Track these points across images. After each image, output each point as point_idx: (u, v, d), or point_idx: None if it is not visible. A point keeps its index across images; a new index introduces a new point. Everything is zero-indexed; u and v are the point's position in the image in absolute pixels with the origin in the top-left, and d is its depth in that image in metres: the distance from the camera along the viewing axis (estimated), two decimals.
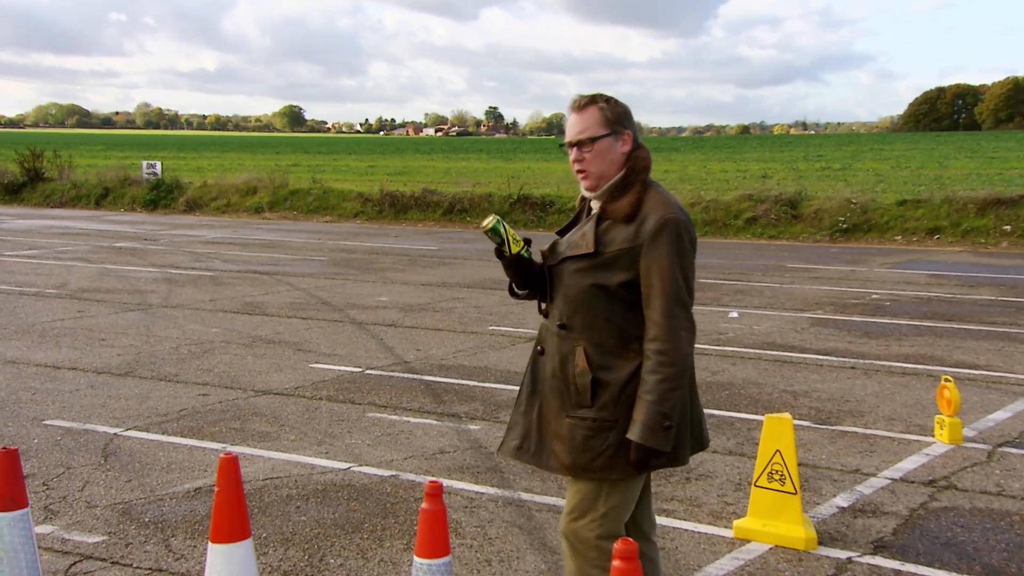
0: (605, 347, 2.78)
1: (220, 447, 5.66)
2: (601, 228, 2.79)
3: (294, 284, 12.21)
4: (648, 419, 2.69)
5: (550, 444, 2.88)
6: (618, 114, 2.82)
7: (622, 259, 2.74)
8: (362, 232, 19.81)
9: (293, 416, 6.34)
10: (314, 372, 7.57)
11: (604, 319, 2.78)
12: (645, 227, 2.72)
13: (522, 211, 20.53)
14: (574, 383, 2.81)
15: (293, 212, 22.67)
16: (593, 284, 2.78)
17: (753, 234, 18.81)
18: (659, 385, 2.69)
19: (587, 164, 2.81)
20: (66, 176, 25.53)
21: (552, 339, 2.88)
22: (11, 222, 20.48)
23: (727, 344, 8.70)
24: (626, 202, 2.77)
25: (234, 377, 7.37)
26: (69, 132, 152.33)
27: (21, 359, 7.81)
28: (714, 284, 12.55)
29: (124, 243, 16.99)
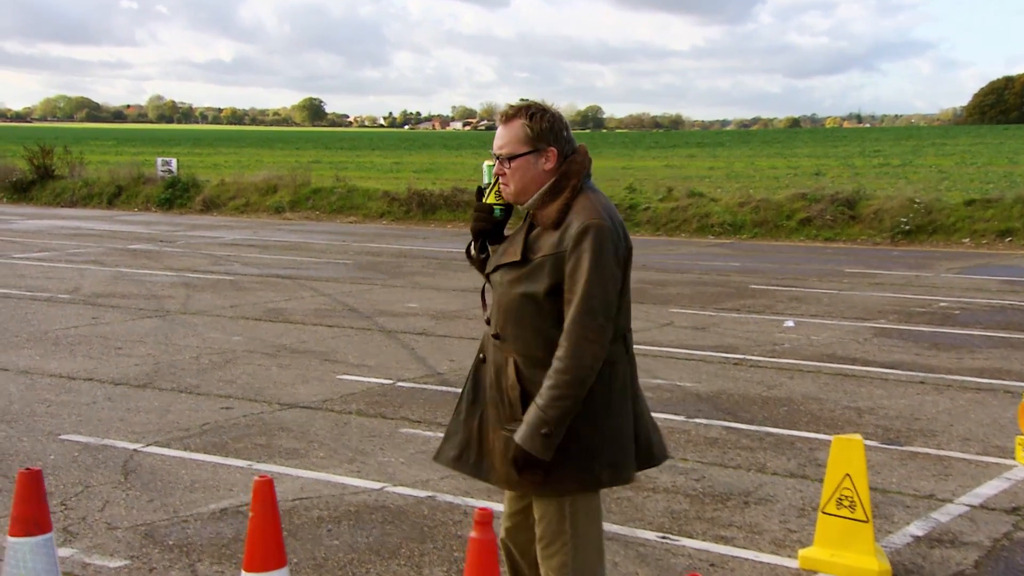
0: (534, 359, 2.86)
1: (246, 465, 5.69)
2: (531, 235, 2.89)
3: (318, 289, 12.28)
4: (529, 423, 2.78)
5: (489, 457, 2.96)
6: (542, 130, 2.89)
7: (546, 266, 2.82)
8: (388, 233, 19.89)
9: (322, 432, 6.36)
10: (342, 384, 7.59)
11: (533, 330, 2.86)
12: (568, 233, 2.80)
13: None
14: (507, 395, 2.89)
15: (315, 212, 22.81)
16: (522, 293, 2.86)
17: (807, 236, 18.65)
18: (548, 391, 2.77)
19: (508, 178, 2.92)
20: (77, 174, 25.87)
21: (491, 348, 2.97)
22: (20, 222, 20.79)
23: (783, 356, 8.61)
24: (554, 208, 2.85)
25: (258, 389, 7.41)
26: (79, 127, 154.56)
27: (34, 369, 7.91)
28: (766, 290, 12.44)
29: (139, 245, 17.18)
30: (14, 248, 16.09)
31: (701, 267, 14.80)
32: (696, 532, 4.73)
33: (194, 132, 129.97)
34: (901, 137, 72.62)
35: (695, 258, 15.85)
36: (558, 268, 2.82)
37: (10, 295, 11.38)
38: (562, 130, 2.93)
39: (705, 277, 13.69)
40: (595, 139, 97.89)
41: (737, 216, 19.11)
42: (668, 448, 3.22)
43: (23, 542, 3.15)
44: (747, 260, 15.81)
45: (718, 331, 9.72)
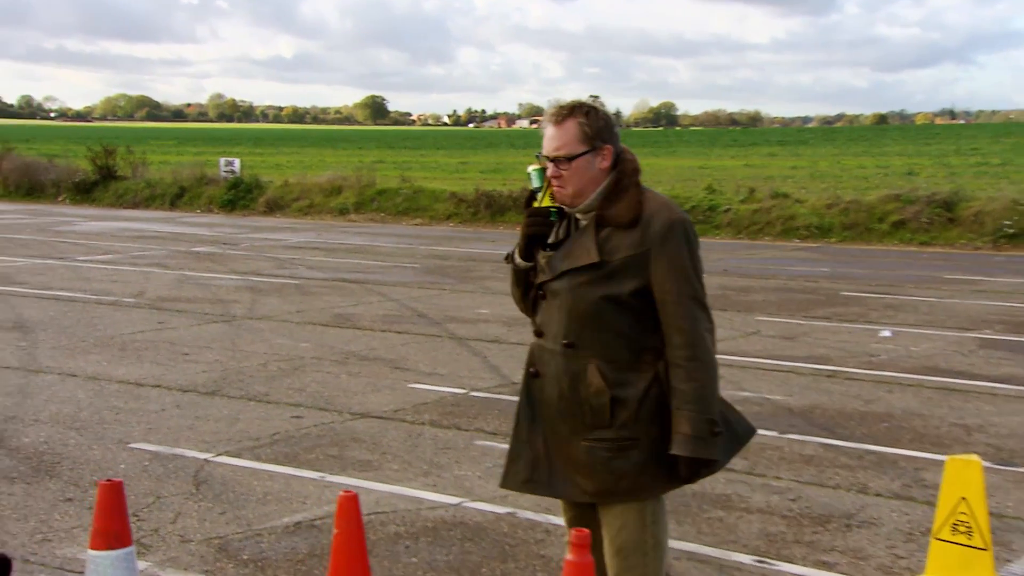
0: (618, 362, 2.89)
1: (318, 476, 5.73)
2: (601, 236, 2.89)
3: (386, 294, 12.37)
4: (696, 430, 2.82)
5: (566, 471, 2.97)
6: (598, 129, 2.92)
7: (630, 266, 2.85)
8: (456, 236, 19.99)
9: (395, 443, 6.38)
10: (414, 393, 7.62)
11: (615, 333, 2.88)
12: (651, 230, 2.84)
13: None
14: (588, 404, 2.89)
15: (381, 214, 23.03)
16: (602, 296, 2.87)
17: (901, 240, 18.25)
18: (698, 392, 2.83)
19: (565, 180, 2.91)
20: (140, 174, 26.52)
21: (554, 360, 2.96)
22: (84, 224, 21.37)
23: (880, 368, 8.41)
24: (626, 207, 2.88)
25: (328, 398, 7.48)
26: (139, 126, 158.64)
27: (102, 375, 8.08)
28: (859, 297, 12.18)
29: (202, 247, 17.52)
30: (78, 251, 16.53)
31: (787, 272, 14.56)
32: (795, 556, 4.63)
33: (255, 131, 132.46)
34: (999, 134, 70.70)
35: (780, 263, 15.60)
36: (643, 267, 2.85)
37: (76, 299, 11.68)
38: (614, 127, 2.98)
39: (792, 283, 13.46)
40: (668, 137, 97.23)
41: (825, 218, 18.78)
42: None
43: (104, 556, 3.20)
44: (836, 265, 15.52)
45: (808, 341, 9.54)
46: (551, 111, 2.95)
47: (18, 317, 10.45)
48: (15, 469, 5.78)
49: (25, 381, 7.82)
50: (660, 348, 2.91)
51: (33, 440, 6.32)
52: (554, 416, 2.97)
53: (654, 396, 2.89)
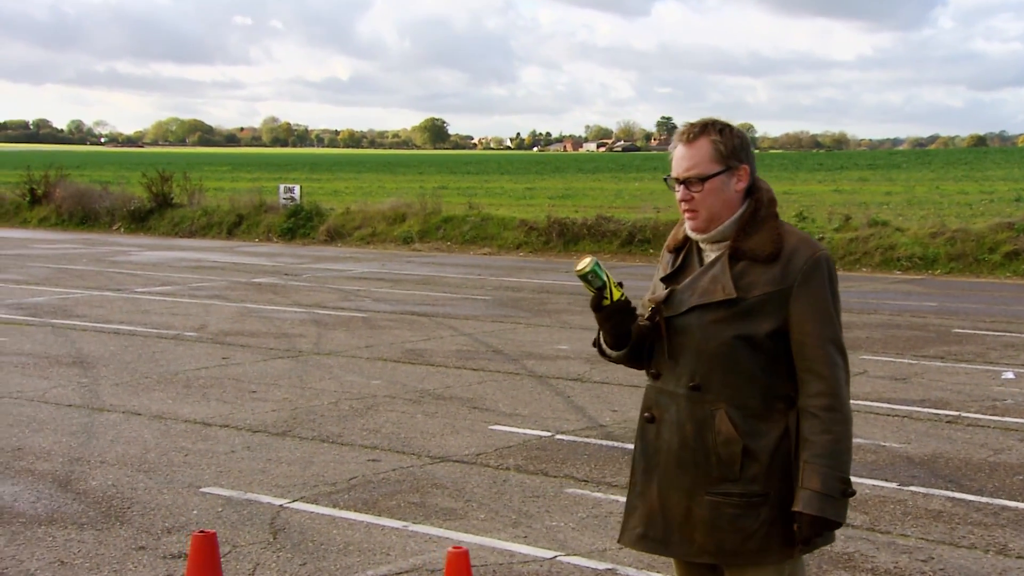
0: (749, 409, 2.81)
1: (401, 526, 5.70)
2: (736, 270, 2.83)
3: (458, 328, 12.38)
4: (826, 487, 2.73)
5: (683, 528, 2.88)
6: (733, 147, 2.87)
7: (768, 304, 2.79)
8: (527, 266, 19.99)
9: (479, 490, 6.33)
10: (496, 435, 7.57)
11: (747, 376, 2.81)
12: (792, 266, 2.79)
13: None
14: (716, 453, 2.82)
15: (447, 243, 23.15)
16: (736, 336, 2.80)
17: (1015, 272, 17.80)
18: (833, 446, 2.74)
19: (697, 204, 2.86)
20: (196, 202, 27.03)
21: (676, 404, 2.88)
22: (139, 254, 21.81)
23: (1006, 414, 8.14)
24: (765, 239, 2.83)
25: (405, 440, 7.46)
26: (191, 151, 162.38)
27: (168, 413, 8.17)
28: (974, 335, 11.86)
29: (263, 278, 17.75)
30: (136, 282, 16.85)
31: (891, 307, 14.26)
32: None
33: (310, 156, 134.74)
34: None
35: (882, 296, 15.30)
36: (782, 306, 2.79)
37: (136, 332, 11.87)
38: (750, 147, 2.93)
39: (898, 319, 13.17)
40: None
41: (929, 248, 18.42)
42: None
43: None
44: (944, 299, 15.17)
45: (922, 382, 9.29)
46: (682, 129, 2.91)
47: (78, 352, 10.64)
48: (84, 514, 5.83)
49: (89, 420, 7.93)
50: (793, 396, 2.83)
51: (101, 483, 6.39)
52: (673, 466, 2.89)
53: (786, 449, 2.82)
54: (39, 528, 5.61)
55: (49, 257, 20.76)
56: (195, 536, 3.27)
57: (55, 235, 26.40)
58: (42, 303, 14.17)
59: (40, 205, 29.04)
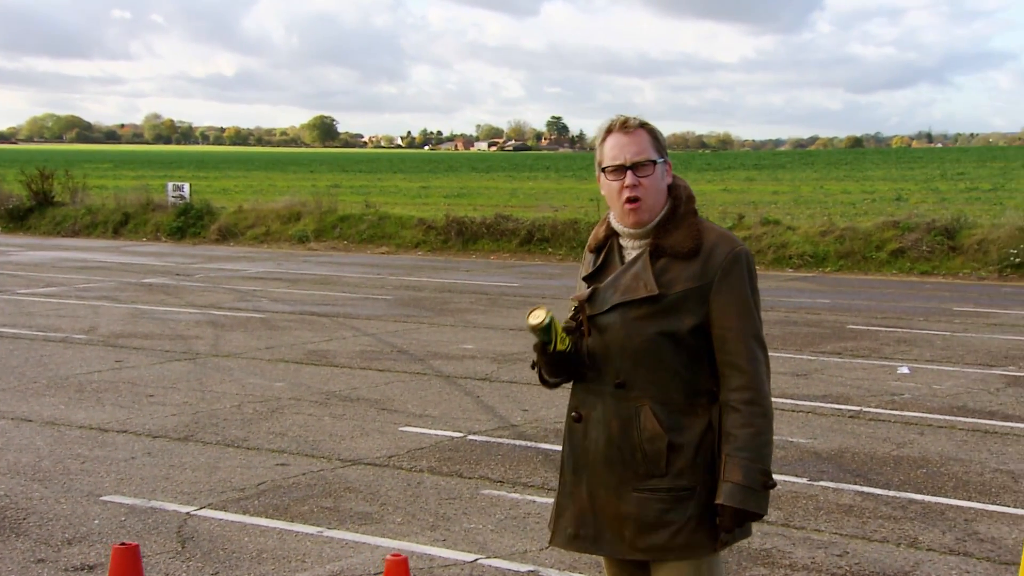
0: (673, 405, 2.82)
1: (316, 531, 5.56)
2: (657, 267, 2.83)
3: (360, 328, 12.20)
4: (747, 479, 2.74)
5: (613, 526, 2.87)
6: (664, 141, 2.92)
7: (689, 300, 2.79)
8: (426, 265, 19.85)
9: (394, 493, 6.22)
10: (406, 437, 7.47)
11: (670, 372, 2.81)
12: (712, 262, 2.79)
13: None
14: (642, 450, 2.81)
15: (343, 242, 22.84)
16: (659, 332, 2.80)
17: (900, 269, 18.41)
18: (754, 439, 2.75)
19: (642, 191, 2.83)
20: (79, 200, 26.10)
21: (602, 402, 2.87)
22: (20, 254, 20.95)
23: (905, 408, 8.38)
24: (685, 235, 2.82)
25: (313, 443, 7.30)
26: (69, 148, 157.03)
27: (61, 419, 7.83)
28: (868, 331, 12.21)
29: (153, 278, 17.22)
30: (17, 282, 16.16)
31: (786, 304, 14.59)
32: None
33: (196, 153, 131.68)
34: (984, 158, 72.12)
35: (777, 293, 15.64)
36: (703, 302, 2.80)
37: (21, 335, 11.37)
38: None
39: (794, 315, 13.48)
40: None
41: (819, 246, 18.92)
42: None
43: None
44: (836, 296, 15.59)
45: (822, 378, 9.51)
46: (619, 120, 2.89)
47: None
48: None
49: None
50: (715, 391, 2.85)
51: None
52: (600, 464, 2.87)
53: (709, 443, 2.83)
54: None
55: None
56: (116, 549, 3.10)
57: None
58: None
59: None
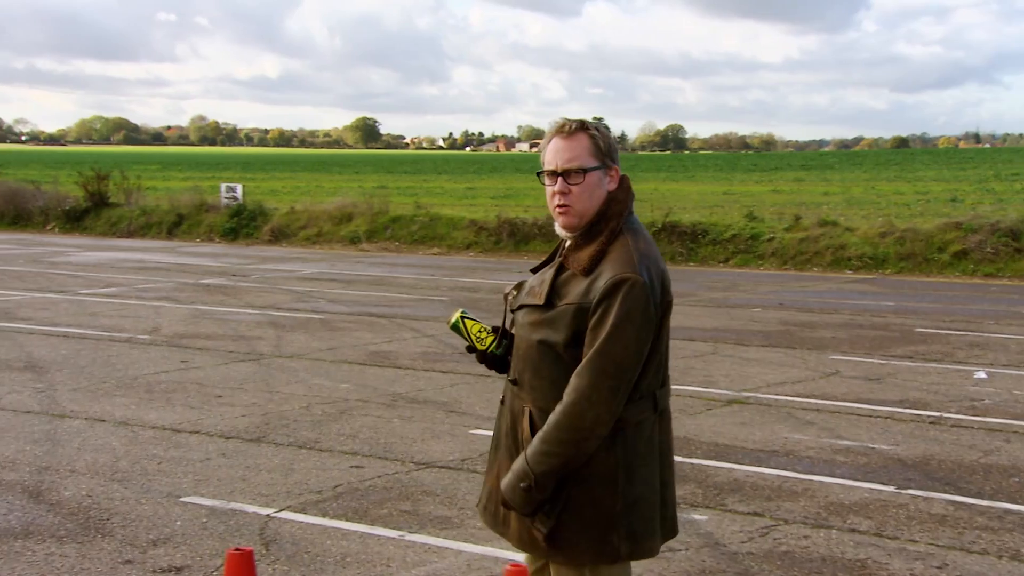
0: (548, 413, 2.83)
1: (397, 535, 5.50)
2: (560, 278, 2.87)
3: (419, 329, 12.16)
4: (512, 474, 2.83)
5: (505, 510, 2.96)
6: (609, 145, 2.90)
7: (569, 315, 2.81)
8: (479, 266, 19.80)
9: (471, 497, 6.15)
10: (477, 440, 7.40)
11: (550, 381, 2.85)
12: (597, 284, 2.78)
13: (668, 241, 20.21)
14: (522, 447, 2.88)
15: (395, 243, 22.87)
16: (541, 340, 2.86)
17: (963, 271, 18.10)
18: (537, 444, 2.79)
19: (572, 199, 2.85)
20: (134, 201, 26.33)
21: (508, 393, 3.00)
22: (78, 254, 21.17)
23: (987, 414, 8.18)
24: (588, 253, 2.84)
25: (385, 445, 7.25)
26: (117, 149, 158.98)
27: (133, 420, 7.85)
28: (937, 335, 11.97)
29: (210, 279, 17.31)
30: (78, 283, 16.32)
31: (849, 306, 14.37)
32: None
33: (241, 155, 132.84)
34: None
35: (839, 296, 15.42)
36: (581, 319, 2.79)
37: (87, 336, 11.45)
38: (617, 151, 2.95)
39: (859, 318, 13.26)
40: (682, 161, 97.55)
41: (879, 248, 18.64)
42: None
43: None
44: (900, 299, 15.34)
45: (896, 383, 9.32)
46: (559, 124, 2.90)
47: (28, 356, 10.22)
48: (62, 527, 5.54)
49: (51, 427, 7.58)
50: None
51: (74, 493, 6.08)
52: (502, 449, 3.00)
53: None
54: (16, 542, 5.31)
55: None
56: (231, 554, 3.06)
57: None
58: None
59: None
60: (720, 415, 8.13)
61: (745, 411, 8.26)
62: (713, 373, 9.71)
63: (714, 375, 9.62)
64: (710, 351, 10.87)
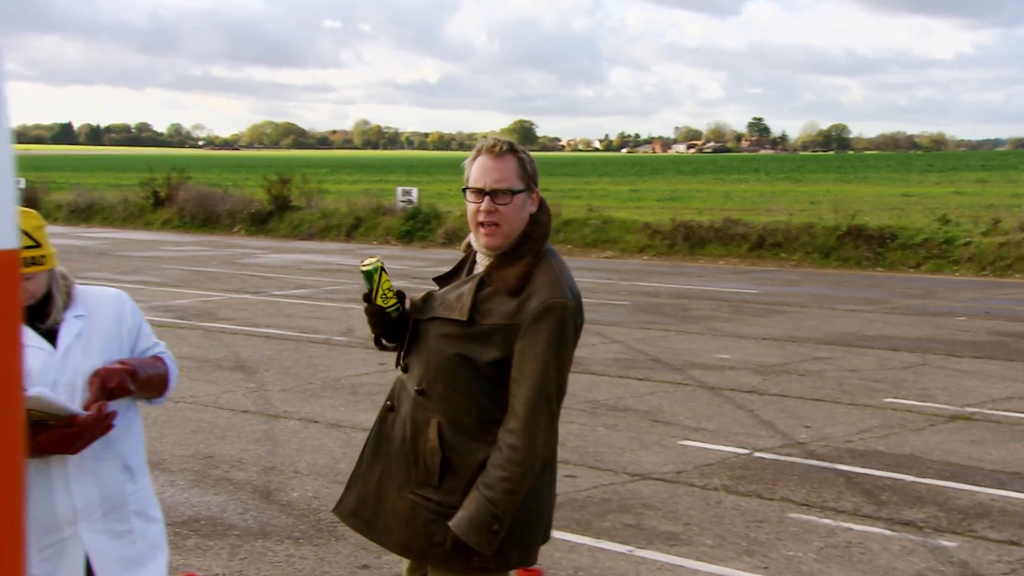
0: (461, 426, 2.88)
1: (625, 550, 5.39)
2: (481, 295, 2.89)
3: (606, 335, 12.02)
4: (477, 516, 2.79)
5: (387, 517, 2.97)
6: (534, 170, 2.96)
7: (497, 335, 2.84)
8: (655, 270, 19.54)
9: (694, 512, 5.98)
10: (689, 452, 7.21)
11: (465, 395, 2.87)
12: (528, 306, 2.83)
13: (854, 246, 19.47)
14: (424, 459, 2.89)
15: (567, 246, 22.79)
16: (459, 354, 2.87)
17: None
18: (501, 483, 2.79)
19: (500, 218, 2.88)
20: (314, 204, 27.09)
21: (408, 402, 2.97)
22: (265, 256, 21.91)
23: None
24: (514, 273, 2.86)
25: (595, 454, 7.14)
26: (286, 154, 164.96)
27: (344, 421, 7.97)
28: None
29: (396, 282, 17.58)
30: (270, 284, 16.85)
31: None
32: None
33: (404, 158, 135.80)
34: None
35: None
36: (509, 340, 2.83)
37: (286, 336, 11.76)
38: (538, 176, 3.00)
39: None
40: (851, 162, 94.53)
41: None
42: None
43: None
44: None
45: None
46: (487, 145, 2.94)
47: (236, 356, 10.56)
48: (296, 528, 5.63)
49: (268, 427, 7.78)
50: None
51: (302, 495, 6.19)
52: (394, 458, 2.97)
53: None
54: (256, 542, 5.42)
55: (180, 259, 20.95)
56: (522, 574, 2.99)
57: (179, 237, 26.71)
58: (187, 305, 14.20)
59: (163, 207, 29.44)
60: (945, 432, 7.70)
61: (973, 428, 7.80)
62: (928, 386, 9.23)
63: (930, 388, 9.14)
64: (919, 362, 10.36)
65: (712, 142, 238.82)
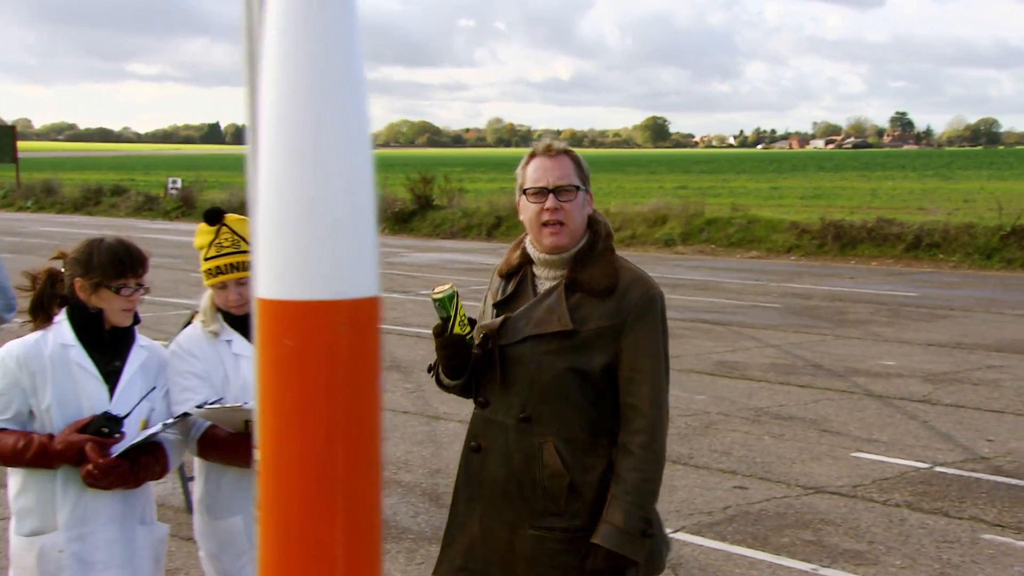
0: (576, 443, 2.78)
1: (809, 568, 5.17)
2: (571, 301, 2.79)
3: (760, 339, 11.70)
4: (627, 524, 2.68)
5: (504, 562, 2.81)
6: (587, 172, 2.90)
7: (602, 339, 2.77)
8: (804, 271, 18.99)
9: (877, 530, 5.71)
10: (864, 464, 6.92)
11: (577, 409, 2.78)
12: (627, 302, 2.77)
13: (1019, 247, 18.53)
14: (543, 486, 2.76)
15: (710, 246, 22.39)
16: (569, 368, 2.77)
17: None
18: (642, 486, 2.72)
19: (566, 216, 2.79)
20: (455, 204, 27.31)
21: (504, 434, 2.82)
22: (409, 255, 22.18)
23: None
24: (602, 272, 2.80)
25: (764, 465, 6.91)
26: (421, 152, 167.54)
27: None
28: None
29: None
30: (416, 284, 17.02)
31: None
32: None
33: None
34: None
35: None
36: (613, 342, 2.77)
37: None
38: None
39: None
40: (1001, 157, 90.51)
41: None
42: None
43: None
44: None
45: None
46: (541, 147, 2.87)
47: (391, 356, 10.66)
48: None
49: (430, 429, 7.80)
50: (616, 431, 2.80)
51: None
52: (497, 498, 2.82)
53: (608, 486, 2.78)
54: (431, 547, 5.40)
55: None
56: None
57: None
58: None
59: None
60: None
61: None
62: None
63: None
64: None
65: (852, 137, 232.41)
